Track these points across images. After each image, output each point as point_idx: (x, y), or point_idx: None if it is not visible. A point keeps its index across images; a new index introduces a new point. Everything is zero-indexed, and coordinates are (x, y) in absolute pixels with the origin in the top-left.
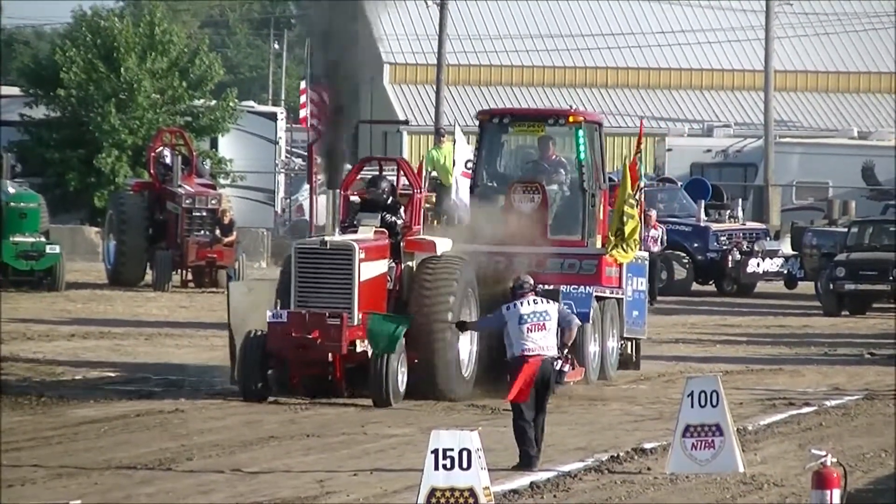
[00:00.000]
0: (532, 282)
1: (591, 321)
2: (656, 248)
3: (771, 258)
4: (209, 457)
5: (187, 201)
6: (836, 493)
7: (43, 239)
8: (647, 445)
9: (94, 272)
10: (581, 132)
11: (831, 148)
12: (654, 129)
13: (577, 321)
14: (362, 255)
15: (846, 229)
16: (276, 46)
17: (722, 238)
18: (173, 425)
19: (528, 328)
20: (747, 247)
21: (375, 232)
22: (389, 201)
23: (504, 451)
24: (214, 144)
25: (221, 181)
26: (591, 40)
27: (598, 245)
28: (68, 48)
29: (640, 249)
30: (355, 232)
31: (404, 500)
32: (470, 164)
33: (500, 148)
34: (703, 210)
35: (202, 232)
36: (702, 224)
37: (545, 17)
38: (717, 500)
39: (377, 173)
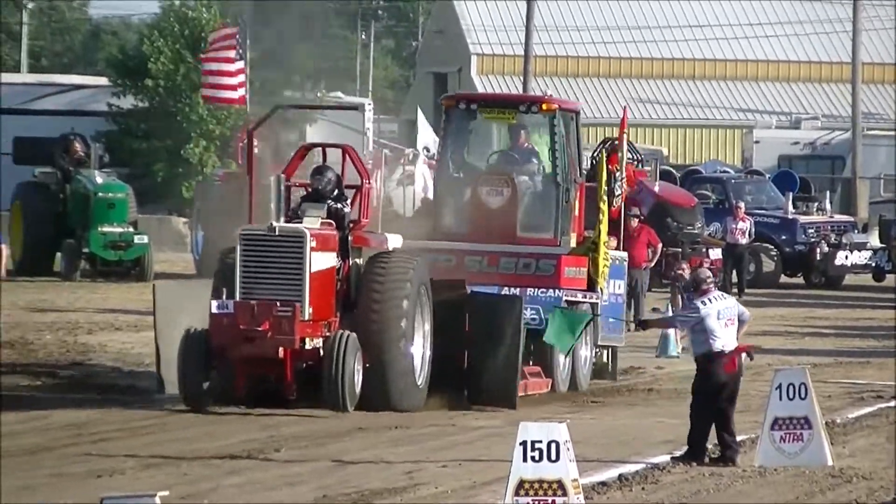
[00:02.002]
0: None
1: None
2: (744, 241)
3: (859, 251)
4: (297, 448)
5: None
6: None
7: (131, 229)
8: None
9: (181, 262)
10: (557, 120)
11: None
12: (742, 122)
13: (749, 315)
14: (314, 244)
15: None
16: (364, 37)
17: (810, 230)
18: (261, 416)
19: (724, 323)
20: (835, 239)
21: (322, 223)
22: (335, 192)
23: (592, 444)
24: (303, 135)
25: None
26: (678, 31)
27: (573, 244)
28: (156, 39)
29: (609, 253)
30: (299, 221)
31: (492, 492)
32: (430, 152)
33: (467, 136)
34: (790, 202)
35: None
36: (789, 216)
37: (631, 8)
38: (806, 493)
39: (321, 163)
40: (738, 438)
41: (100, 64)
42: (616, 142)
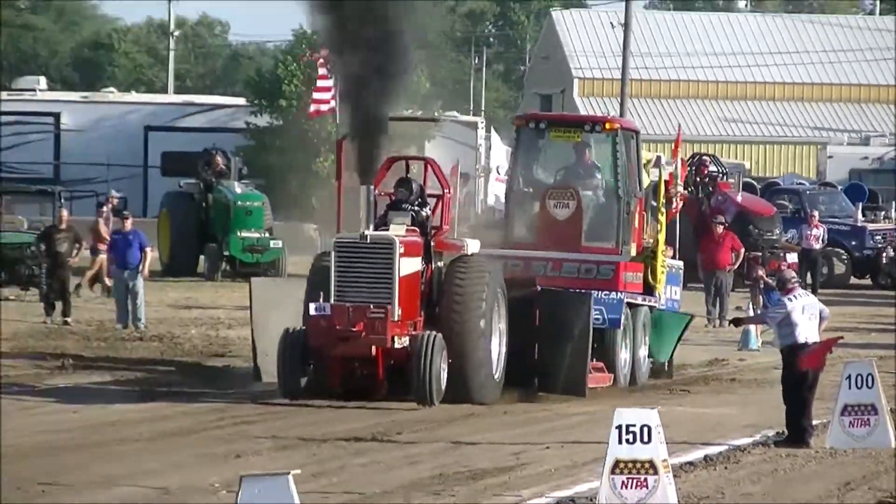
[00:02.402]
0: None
1: (621, 327)
2: (818, 246)
3: None
4: (415, 431)
5: None
6: None
7: (267, 235)
8: (814, 423)
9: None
10: (618, 139)
11: None
12: (817, 139)
13: (828, 312)
14: (401, 250)
15: None
16: (476, 62)
17: (877, 237)
18: (384, 402)
19: (808, 317)
20: None
21: (407, 230)
22: (418, 201)
23: (680, 428)
24: (422, 150)
25: None
26: (759, 58)
27: (633, 253)
28: (289, 63)
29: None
30: (387, 229)
31: (590, 471)
32: (503, 170)
33: (536, 153)
34: (860, 211)
35: None
36: (859, 224)
37: (718, 36)
38: (871, 473)
39: (407, 174)
40: (814, 423)
41: (238, 85)
42: (703, 156)
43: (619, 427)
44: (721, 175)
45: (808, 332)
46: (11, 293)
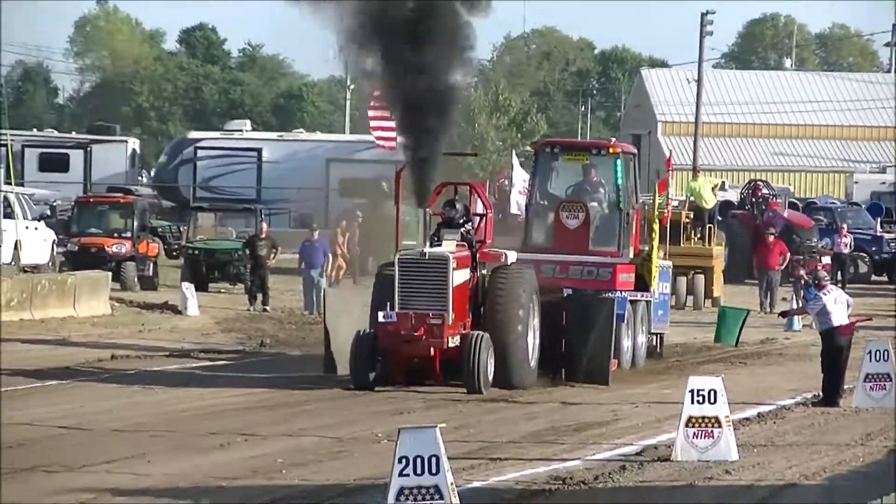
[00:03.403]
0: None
1: (625, 321)
2: (846, 251)
3: None
4: (533, 393)
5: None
6: None
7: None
8: (844, 388)
9: None
10: (619, 161)
11: None
12: (846, 168)
13: (853, 302)
14: (454, 265)
15: None
16: (583, 109)
17: (892, 244)
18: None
19: (839, 306)
20: None
21: (457, 245)
22: (463, 220)
23: (739, 391)
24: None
25: None
26: (802, 105)
27: (631, 255)
28: None
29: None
30: (440, 245)
31: (670, 424)
32: (525, 185)
33: (550, 172)
34: (879, 224)
35: None
36: (878, 234)
37: (770, 89)
38: (887, 426)
39: (454, 197)
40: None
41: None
42: (758, 181)
43: (692, 391)
44: (772, 196)
45: (839, 317)
46: (223, 287)
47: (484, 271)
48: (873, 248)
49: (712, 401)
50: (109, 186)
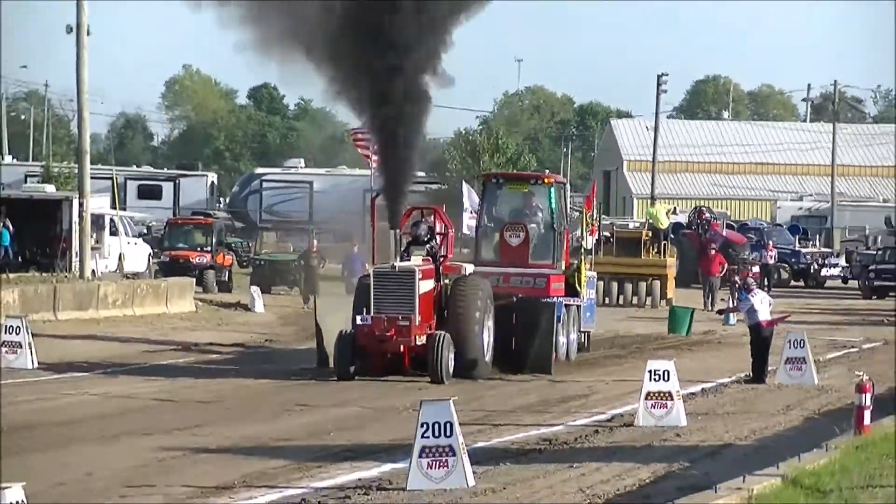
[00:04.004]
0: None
1: (561, 321)
2: (772, 262)
3: (835, 267)
4: (527, 374)
5: None
6: (868, 396)
7: None
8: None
9: None
10: (552, 189)
11: (871, 208)
12: (771, 197)
13: (772, 301)
14: (420, 276)
15: (876, 252)
16: (565, 150)
17: (807, 256)
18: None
19: (763, 306)
20: (821, 261)
21: (423, 259)
22: (428, 237)
23: (686, 371)
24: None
25: None
26: (738, 148)
27: (563, 267)
28: (458, 149)
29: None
30: (409, 260)
31: (633, 397)
32: (473, 212)
33: (496, 199)
34: (797, 241)
35: None
36: (796, 248)
37: (712, 134)
38: (803, 398)
39: (420, 218)
40: (770, 369)
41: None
42: (702, 208)
43: (650, 371)
44: (713, 219)
45: (764, 314)
46: (283, 290)
47: (446, 281)
48: (793, 260)
49: (666, 379)
50: (193, 211)
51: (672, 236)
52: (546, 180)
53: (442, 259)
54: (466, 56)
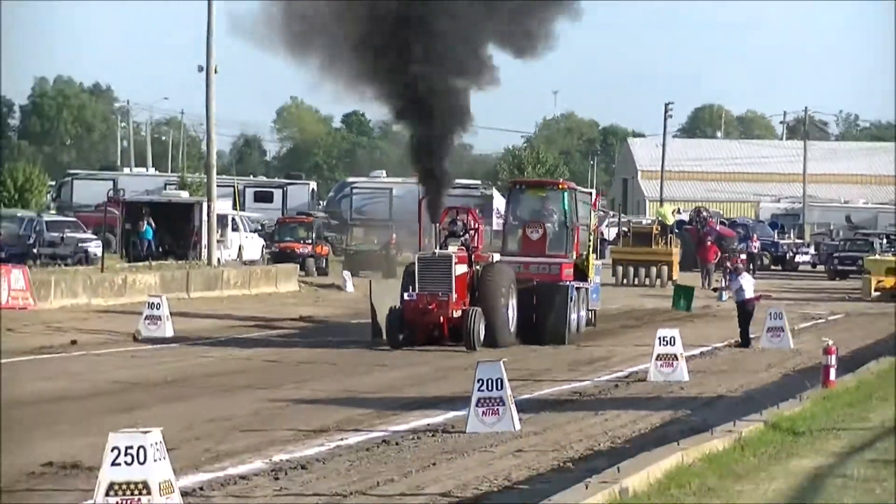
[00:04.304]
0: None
1: (572, 301)
2: (756, 251)
3: (806, 255)
4: (549, 347)
5: None
6: (833, 357)
7: None
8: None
9: None
10: (566, 194)
11: (835, 208)
12: (755, 199)
13: (754, 282)
14: (455, 261)
15: (839, 242)
16: (592, 163)
17: (784, 246)
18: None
19: (749, 285)
20: (795, 250)
21: (458, 248)
22: (463, 231)
23: (686, 338)
24: None
25: None
26: (729, 160)
27: (574, 257)
28: (507, 162)
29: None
30: (446, 249)
31: (645, 359)
32: (502, 211)
33: (519, 202)
34: (776, 234)
35: None
36: (776, 240)
37: (708, 150)
38: (781, 359)
39: (456, 216)
40: (752, 336)
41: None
42: (701, 208)
43: (660, 337)
44: (709, 217)
45: (749, 292)
46: (369, 274)
47: (477, 267)
48: (772, 249)
49: (672, 344)
50: (298, 212)
51: (676, 231)
52: (560, 186)
53: (474, 249)
54: (514, 88)
